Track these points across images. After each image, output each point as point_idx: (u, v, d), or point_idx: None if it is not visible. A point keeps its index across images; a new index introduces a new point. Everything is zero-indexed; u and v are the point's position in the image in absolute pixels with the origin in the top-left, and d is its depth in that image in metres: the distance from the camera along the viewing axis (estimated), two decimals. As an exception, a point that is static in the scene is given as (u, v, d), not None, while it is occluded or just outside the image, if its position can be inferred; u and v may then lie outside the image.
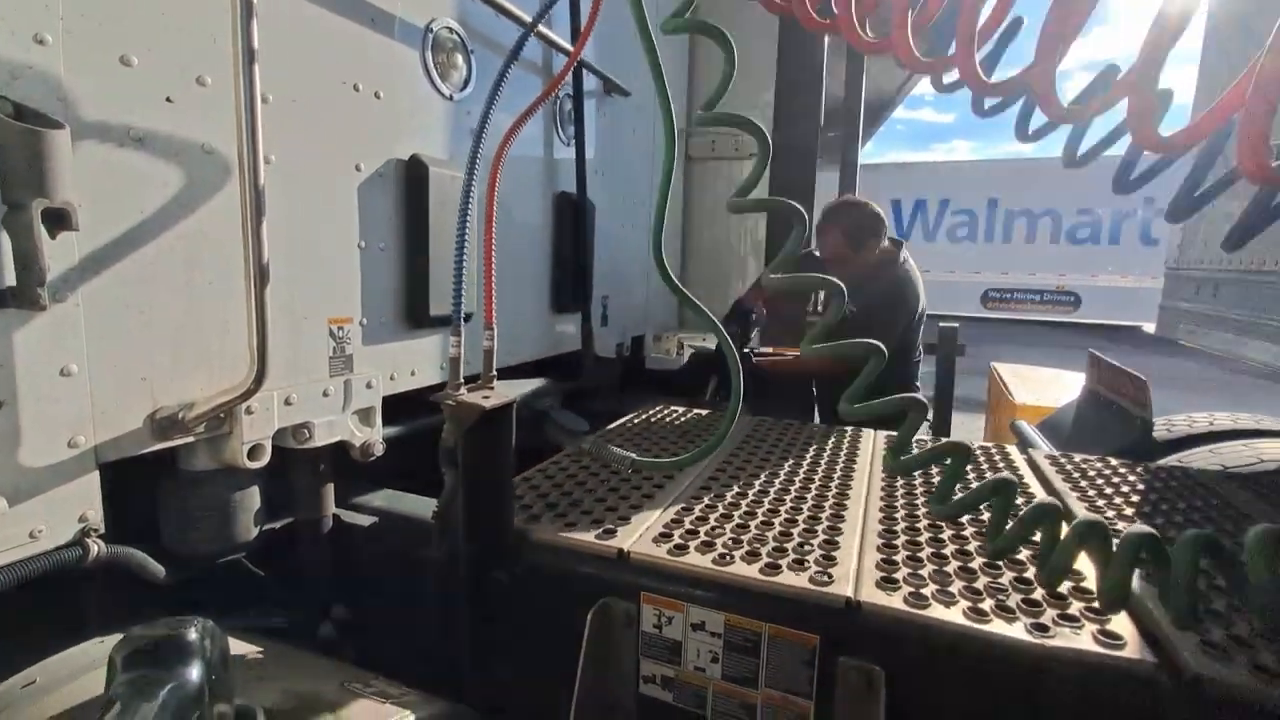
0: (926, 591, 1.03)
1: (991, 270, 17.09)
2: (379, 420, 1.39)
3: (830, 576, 1.07)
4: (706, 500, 1.36)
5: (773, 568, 1.11)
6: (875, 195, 3.11)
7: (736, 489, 1.43)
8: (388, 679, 1.08)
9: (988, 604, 1.00)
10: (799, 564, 1.12)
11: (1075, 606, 1.00)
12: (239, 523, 1.16)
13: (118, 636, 0.70)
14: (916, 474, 1.54)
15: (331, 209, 1.25)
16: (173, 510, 1.12)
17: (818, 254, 2.65)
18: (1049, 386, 4.23)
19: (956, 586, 1.05)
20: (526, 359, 2.03)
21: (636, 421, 1.96)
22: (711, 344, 2.80)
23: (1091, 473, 1.61)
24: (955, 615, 0.97)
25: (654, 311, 3.16)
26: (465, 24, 1.55)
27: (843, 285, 1.01)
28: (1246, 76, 0.65)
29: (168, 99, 0.95)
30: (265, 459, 1.14)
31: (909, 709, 0.96)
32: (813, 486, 1.46)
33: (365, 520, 1.36)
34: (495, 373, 1.27)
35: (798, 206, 1.05)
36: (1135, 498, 1.45)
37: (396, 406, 1.49)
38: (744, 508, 1.33)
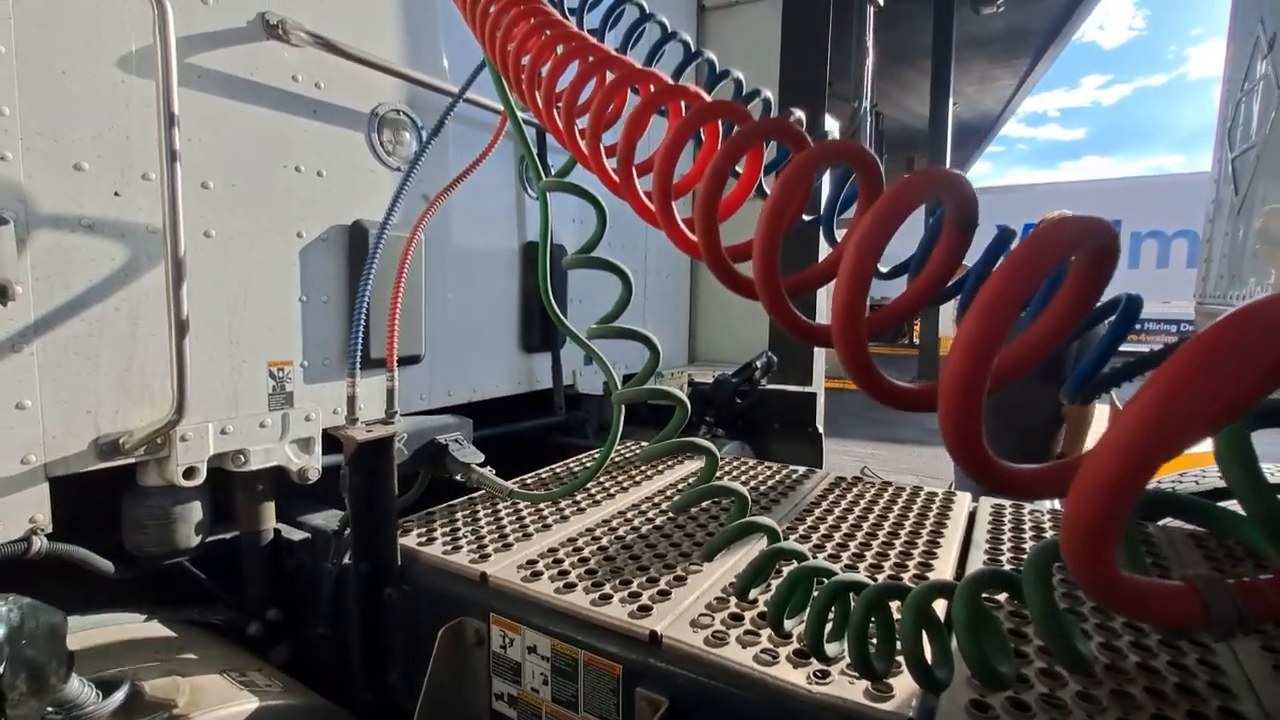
0: (732, 634, 1.08)
1: (1116, 298, 16.09)
2: (318, 449, 1.60)
3: (650, 612, 1.14)
4: (597, 535, 1.46)
5: (604, 599, 1.19)
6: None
7: (634, 527, 1.51)
8: (272, 672, 1.26)
9: (785, 651, 1.03)
10: (633, 598, 1.19)
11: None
12: (180, 531, 1.39)
13: None
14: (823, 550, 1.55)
15: (271, 270, 1.49)
16: (128, 518, 1.37)
17: None
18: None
19: (767, 633, 1.08)
20: (492, 395, 2.22)
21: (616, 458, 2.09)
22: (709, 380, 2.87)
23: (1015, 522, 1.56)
24: (745, 656, 1.02)
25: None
26: (414, 104, 1.79)
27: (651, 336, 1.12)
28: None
29: (116, 193, 1.22)
30: (199, 479, 1.37)
31: (691, 741, 1.01)
32: (697, 533, 1.51)
33: (299, 535, 1.57)
34: (397, 409, 1.45)
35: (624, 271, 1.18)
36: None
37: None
38: (626, 543, 1.41)
